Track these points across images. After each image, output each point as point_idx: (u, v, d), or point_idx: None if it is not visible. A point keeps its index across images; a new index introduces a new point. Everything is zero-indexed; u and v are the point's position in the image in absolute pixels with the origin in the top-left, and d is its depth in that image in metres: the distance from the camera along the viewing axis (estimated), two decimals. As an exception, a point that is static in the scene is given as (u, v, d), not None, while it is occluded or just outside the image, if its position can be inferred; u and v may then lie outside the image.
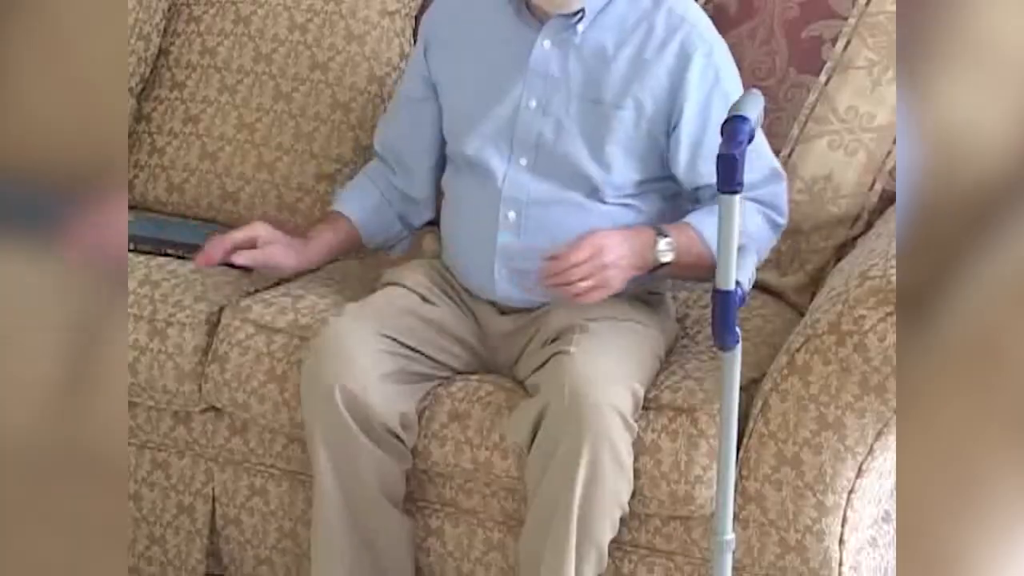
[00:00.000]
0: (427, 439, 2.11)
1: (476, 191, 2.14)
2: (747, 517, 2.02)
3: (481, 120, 2.13)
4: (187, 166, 2.59)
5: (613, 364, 1.99)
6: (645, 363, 2.06)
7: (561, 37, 2.10)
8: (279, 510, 2.27)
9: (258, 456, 2.28)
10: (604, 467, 1.94)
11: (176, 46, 2.66)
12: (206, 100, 2.60)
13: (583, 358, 1.97)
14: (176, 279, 2.37)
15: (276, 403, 2.19)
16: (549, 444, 1.95)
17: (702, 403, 2.04)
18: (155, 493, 2.35)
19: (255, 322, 2.25)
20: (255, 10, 2.62)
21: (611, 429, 1.94)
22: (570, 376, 1.95)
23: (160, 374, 2.28)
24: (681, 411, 2.03)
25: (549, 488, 1.96)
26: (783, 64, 2.36)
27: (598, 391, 1.94)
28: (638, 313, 2.12)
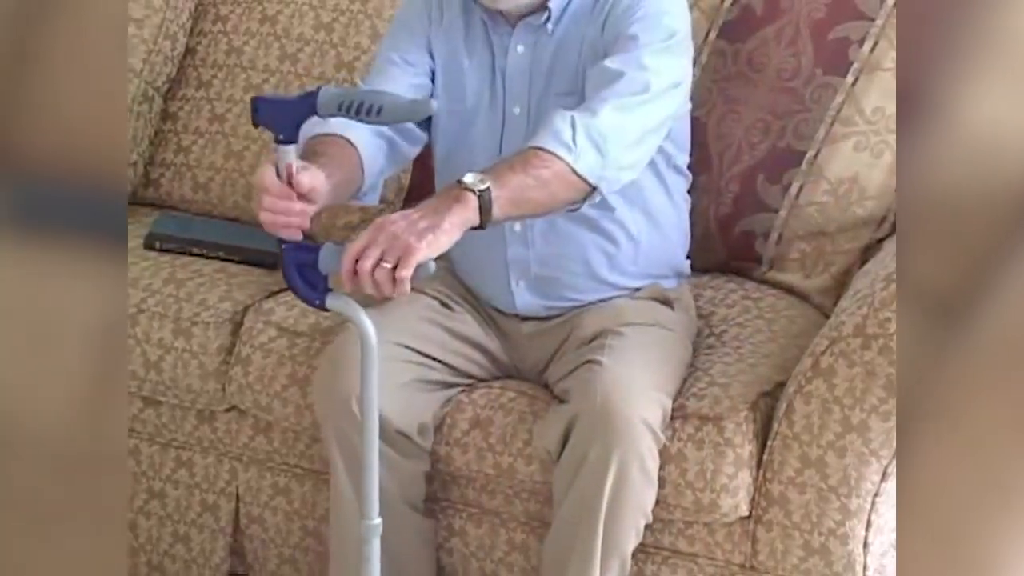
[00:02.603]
0: (449, 446, 2.11)
1: None
2: (771, 520, 2.02)
3: (468, 131, 2.10)
4: (212, 165, 2.60)
5: (644, 376, 1.97)
6: (674, 373, 2.05)
7: (532, 39, 2.07)
8: (302, 509, 2.28)
9: (281, 455, 2.28)
10: (632, 478, 1.94)
11: (202, 46, 2.67)
12: (232, 99, 2.61)
13: (614, 369, 1.96)
14: (201, 278, 2.37)
15: (298, 406, 2.19)
16: (578, 453, 1.95)
17: (728, 411, 2.03)
18: (179, 491, 2.36)
19: (278, 325, 2.25)
20: (281, 9, 2.63)
21: (640, 442, 1.93)
22: (601, 388, 1.93)
23: (184, 373, 2.29)
24: (707, 420, 2.02)
25: (576, 497, 1.96)
26: (809, 65, 2.35)
27: (629, 404, 1.93)
28: (663, 317, 2.11)
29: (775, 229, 2.35)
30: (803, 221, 2.33)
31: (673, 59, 2.00)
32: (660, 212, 2.15)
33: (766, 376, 2.10)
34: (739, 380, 2.07)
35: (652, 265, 2.16)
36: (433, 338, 2.10)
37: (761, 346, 2.16)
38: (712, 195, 2.37)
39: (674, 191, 2.18)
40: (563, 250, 2.09)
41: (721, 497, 2.00)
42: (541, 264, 2.09)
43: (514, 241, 2.10)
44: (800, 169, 2.34)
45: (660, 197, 2.15)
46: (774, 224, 2.35)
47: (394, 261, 1.74)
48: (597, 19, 2.03)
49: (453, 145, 2.13)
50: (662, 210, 2.16)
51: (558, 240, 2.09)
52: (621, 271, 2.13)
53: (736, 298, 2.30)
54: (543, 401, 2.09)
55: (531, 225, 2.09)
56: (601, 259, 2.11)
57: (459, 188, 1.81)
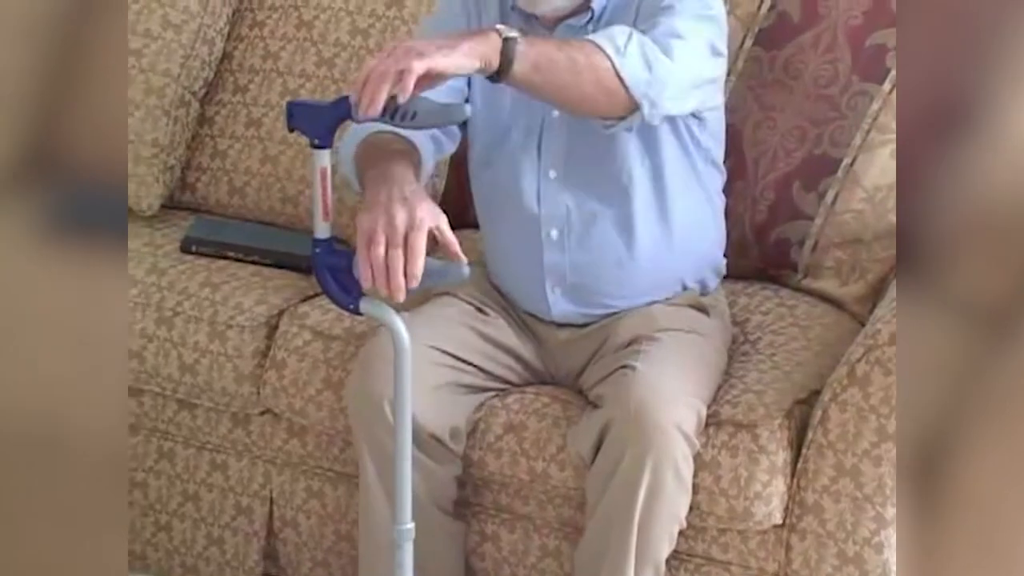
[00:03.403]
0: (482, 450, 2.11)
1: (511, 213, 2.11)
2: (805, 528, 2.01)
3: (506, 136, 2.09)
4: (248, 169, 2.61)
5: (678, 382, 1.97)
6: (709, 379, 2.05)
7: (575, 34, 2.03)
8: (336, 513, 2.28)
9: (315, 459, 2.29)
10: (666, 485, 1.93)
11: (239, 50, 2.68)
12: (268, 104, 2.62)
13: (648, 375, 1.95)
14: (236, 282, 2.38)
15: (332, 410, 2.20)
16: (612, 459, 1.94)
17: (763, 419, 2.02)
18: (213, 494, 2.37)
19: (312, 328, 2.25)
20: (317, 15, 2.64)
21: (674, 448, 1.93)
22: (635, 393, 1.93)
23: (219, 376, 2.30)
24: (742, 427, 2.02)
25: (610, 503, 1.96)
26: (846, 72, 2.35)
27: (662, 410, 1.92)
28: (699, 323, 2.11)
29: (811, 237, 2.34)
30: (839, 229, 2.32)
31: (710, 25, 1.98)
32: (696, 211, 2.13)
33: (801, 384, 2.09)
34: (774, 388, 2.07)
35: (689, 267, 2.15)
36: (467, 342, 2.10)
37: (796, 353, 2.16)
38: (748, 202, 2.36)
39: (711, 187, 2.16)
40: (599, 257, 2.09)
41: (755, 505, 2.00)
42: (577, 271, 2.09)
43: (550, 247, 2.09)
44: (836, 176, 2.33)
45: (697, 193, 2.13)
46: (810, 231, 2.34)
47: (404, 65, 1.71)
48: (631, 11, 2.02)
49: (490, 150, 2.12)
50: (698, 208, 2.14)
51: (594, 247, 2.08)
52: (656, 276, 2.12)
53: (771, 305, 2.29)
54: (577, 407, 2.09)
55: (567, 232, 2.08)
56: (636, 266, 2.10)
57: (488, 28, 1.81)
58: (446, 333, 2.08)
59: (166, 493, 2.39)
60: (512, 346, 2.14)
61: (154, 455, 2.40)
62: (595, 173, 2.06)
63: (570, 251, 2.09)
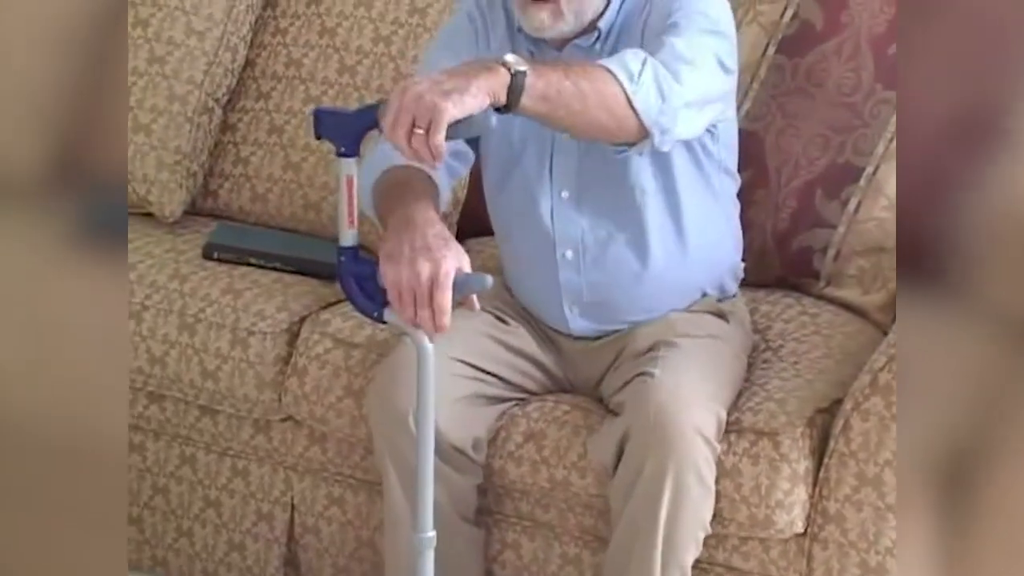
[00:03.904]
0: (503, 459, 2.11)
1: (527, 233, 2.10)
2: (826, 537, 2.01)
3: (518, 159, 2.08)
4: (271, 176, 2.62)
5: (697, 387, 1.96)
6: (728, 384, 2.04)
7: (583, 54, 1.98)
8: (356, 519, 2.28)
9: (336, 466, 2.29)
10: (689, 490, 1.93)
11: (262, 58, 2.69)
12: (291, 111, 2.63)
13: (667, 381, 1.95)
14: (258, 288, 2.39)
15: (353, 417, 2.20)
16: (634, 467, 1.94)
17: (784, 427, 2.02)
18: (235, 500, 2.37)
19: (333, 336, 2.26)
20: (340, 22, 2.64)
21: (695, 453, 1.92)
22: (654, 399, 1.92)
23: (241, 382, 2.30)
24: (763, 434, 2.01)
25: (634, 510, 1.95)
26: (869, 80, 2.34)
27: (682, 415, 1.92)
28: (718, 329, 2.10)
29: (833, 245, 2.33)
30: (861, 237, 2.32)
31: (717, 41, 1.96)
32: (711, 221, 2.12)
33: (823, 392, 2.08)
34: (796, 396, 2.06)
35: (706, 275, 2.14)
36: (489, 352, 2.10)
37: (818, 362, 2.15)
38: (770, 210, 2.36)
39: (724, 196, 2.15)
40: (615, 276, 2.08)
41: (776, 513, 1.99)
42: (593, 290, 2.09)
43: (566, 267, 2.09)
44: (859, 185, 2.32)
45: (710, 204, 2.11)
46: (832, 240, 2.33)
47: (425, 125, 1.72)
48: (638, 28, 2.01)
49: (503, 173, 2.12)
50: (713, 219, 2.13)
51: (609, 266, 2.07)
52: (674, 288, 2.11)
53: (793, 313, 2.29)
54: (597, 414, 2.09)
55: (582, 252, 2.08)
56: (652, 281, 2.08)
57: (495, 61, 1.79)
58: (468, 344, 2.07)
59: (187, 498, 2.40)
60: (532, 354, 2.14)
61: (176, 460, 2.40)
62: (607, 193, 2.06)
63: (585, 271, 2.08)
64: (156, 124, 2.61)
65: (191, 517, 2.41)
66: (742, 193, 2.22)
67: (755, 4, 2.44)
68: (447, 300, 1.79)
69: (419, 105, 1.73)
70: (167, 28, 2.64)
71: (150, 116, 2.61)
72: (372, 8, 2.63)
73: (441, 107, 1.72)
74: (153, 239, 2.54)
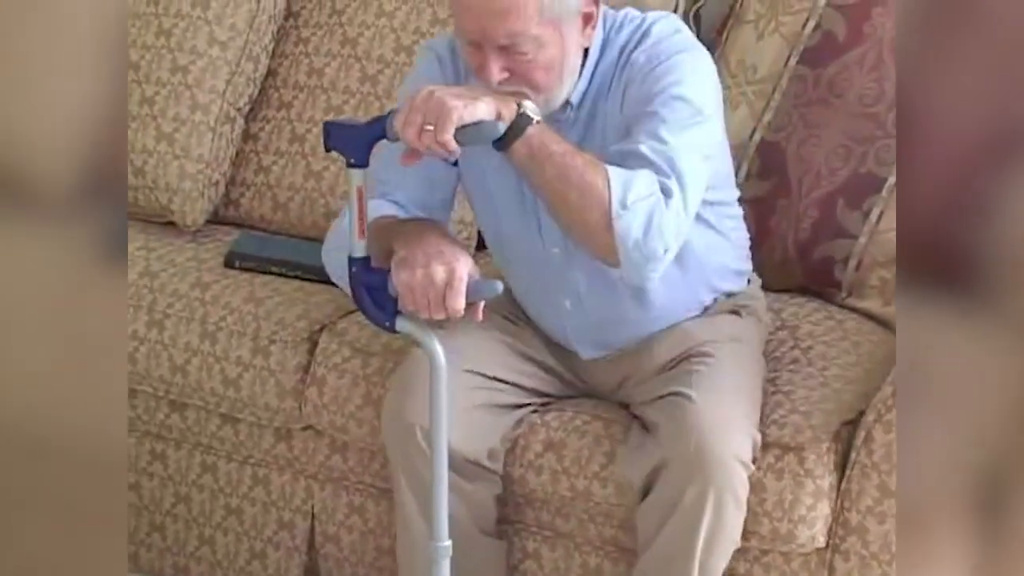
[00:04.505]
0: (523, 468, 2.10)
1: (528, 281, 2.10)
2: (848, 549, 2.00)
3: (505, 216, 2.05)
4: (292, 185, 2.62)
5: (735, 410, 1.95)
6: (758, 395, 2.03)
7: (557, 126, 1.91)
8: (377, 528, 2.28)
9: (357, 475, 2.29)
10: (727, 516, 1.92)
11: (284, 67, 2.70)
12: (312, 120, 2.63)
13: (705, 405, 1.92)
14: (279, 297, 2.39)
15: (373, 426, 2.20)
16: (671, 495, 1.92)
17: (810, 441, 2.01)
18: (256, 509, 2.38)
19: (351, 344, 2.26)
20: (362, 32, 2.65)
21: (735, 479, 1.92)
22: (696, 429, 1.90)
23: (262, 391, 2.31)
24: (788, 449, 2.00)
25: (671, 536, 1.94)
26: (892, 90, 2.33)
27: (723, 444, 1.90)
28: (734, 328, 2.08)
29: (854, 255, 2.33)
30: (883, 248, 2.31)
31: (700, 133, 1.89)
32: (709, 244, 2.07)
33: (849, 404, 2.07)
34: (822, 408, 2.05)
35: (708, 288, 2.10)
36: (501, 359, 2.09)
37: (848, 369, 2.14)
38: (791, 220, 2.35)
39: (723, 216, 2.10)
40: (618, 314, 2.05)
41: (799, 528, 1.99)
42: (599, 328, 2.08)
43: (567, 314, 2.07)
44: (881, 195, 2.32)
45: (707, 231, 2.05)
46: (853, 250, 2.33)
47: (434, 122, 1.75)
48: (616, 94, 1.95)
49: (495, 231, 2.09)
50: (711, 242, 2.07)
51: (610, 307, 2.04)
52: (678, 307, 2.08)
53: (820, 317, 2.28)
54: (619, 424, 2.08)
55: (581, 301, 2.05)
56: (656, 310, 2.05)
57: (511, 97, 1.81)
58: (479, 353, 2.06)
59: (209, 507, 2.40)
60: (544, 360, 2.13)
61: (197, 469, 2.41)
62: None
63: (587, 314, 2.07)
64: (179, 133, 2.62)
65: (213, 525, 2.41)
66: (763, 202, 2.21)
67: (777, 15, 2.44)
68: (460, 304, 1.80)
69: (429, 103, 1.76)
70: (190, 38, 2.65)
71: (173, 125, 2.62)
72: (394, 18, 2.63)
73: (451, 105, 1.75)
74: (175, 248, 2.55)
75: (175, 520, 2.43)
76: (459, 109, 1.75)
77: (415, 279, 1.79)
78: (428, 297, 1.79)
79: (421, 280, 1.79)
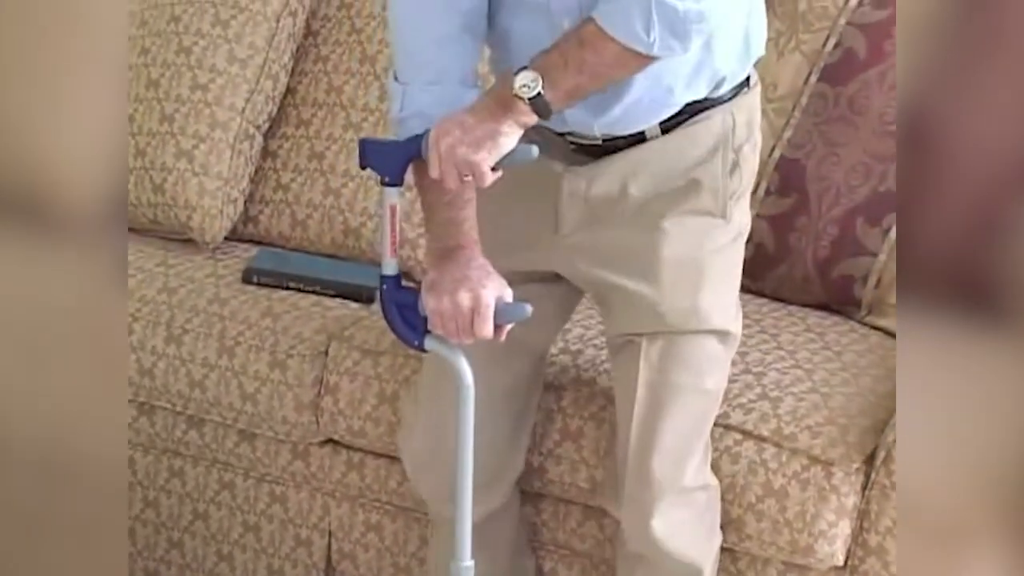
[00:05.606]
0: (542, 456, 2.11)
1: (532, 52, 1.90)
2: (867, 570, 1.99)
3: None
4: (311, 202, 2.63)
5: (689, 461, 1.95)
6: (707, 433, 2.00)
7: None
8: (394, 546, 2.28)
9: (374, 492, 2.29)
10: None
11: (303, 85, 2.70)
12: (331, 137, 2.64)
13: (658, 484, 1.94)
14: (297, 311, 2.39)
15: (391, 424, 2.20)
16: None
17: (841, 458, 2.00)
18: (273, 526, 2.37)
19: (359, 348, 2.26)
20: (381, 49, 2.66)
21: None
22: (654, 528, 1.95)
23: (280, 405, 2.31)
24: (817, 461, 2.00)
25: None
26: (911, 109, 2.33)
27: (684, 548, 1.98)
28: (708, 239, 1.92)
29: (874, 273, 2.32)
30: (903, 266, 2.30)
31: None
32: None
33: (884, 421, 2.06)
34: (858, 424, 2.03)
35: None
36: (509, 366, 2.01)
37: (880, 382, 2.13)
38: (810, 237, 2.35)
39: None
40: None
41: (818, 542, 1.98)
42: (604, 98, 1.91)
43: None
44: (900, 213, 2.31)
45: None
46: (873, 268, 2.32)
47: (468, 173, 1.75)
48: None
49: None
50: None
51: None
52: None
53: (844, 329, 2.28)
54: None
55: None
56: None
57: (510, 95, 1.76)
58: (498, 368, 1.99)
59: (227, 523, 2.40)
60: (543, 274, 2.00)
61: (215, 486, 2.41)
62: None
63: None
64: (198, 151, 2.62)
65: (231, 542, 2.41)
66: (782, 219, 2.20)
67: (797, 33, 2.44)
68: (487, 330, 1.80)
69: (458, 161, 1.75)
70: (210, 56, 2.65)
71: (192, 143, 2.62)
72: (413, 36, 2.64)
73: (476, 160, 1.74)
74: (194, 264, 2.55)
75: (193, 537, 2.42)
76: (487, 160, 1.75)
77: (442, 306, 1.80)
78: (456, 323, 1.80)
79: (448, 307, 1.80)
